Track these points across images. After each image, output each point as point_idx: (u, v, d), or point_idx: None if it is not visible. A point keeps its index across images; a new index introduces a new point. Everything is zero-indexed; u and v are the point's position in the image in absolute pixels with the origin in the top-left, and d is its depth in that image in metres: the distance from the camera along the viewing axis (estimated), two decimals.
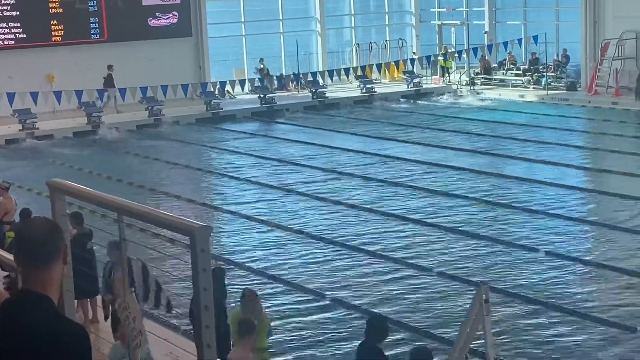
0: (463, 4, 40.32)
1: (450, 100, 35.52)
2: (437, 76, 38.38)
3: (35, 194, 20.62)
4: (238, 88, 34.34)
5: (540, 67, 36.07)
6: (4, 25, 31.99)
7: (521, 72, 36.74)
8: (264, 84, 34.76)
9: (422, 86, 36.89)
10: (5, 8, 31.93)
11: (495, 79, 37.55)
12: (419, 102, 35.29)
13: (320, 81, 35.17)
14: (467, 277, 14.39)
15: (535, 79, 35.80)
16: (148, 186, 22.11)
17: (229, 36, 37.66)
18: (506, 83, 36.91)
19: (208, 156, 26.94)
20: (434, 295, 13.89)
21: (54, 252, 3.36)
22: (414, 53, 39.94)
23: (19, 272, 3.44)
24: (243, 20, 38.04)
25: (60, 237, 3.40)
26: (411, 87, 36.68)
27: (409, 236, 17.03)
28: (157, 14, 34.64)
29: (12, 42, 32.13)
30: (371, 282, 14.54)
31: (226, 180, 23.09)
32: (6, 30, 32.02)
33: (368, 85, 35.86)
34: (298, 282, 14.64)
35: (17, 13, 32.08)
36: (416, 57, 38.28)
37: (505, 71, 37.55)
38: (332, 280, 14.74)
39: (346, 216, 18.68)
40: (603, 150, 24.66)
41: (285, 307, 13.56)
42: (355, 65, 38.14)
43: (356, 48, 40.23)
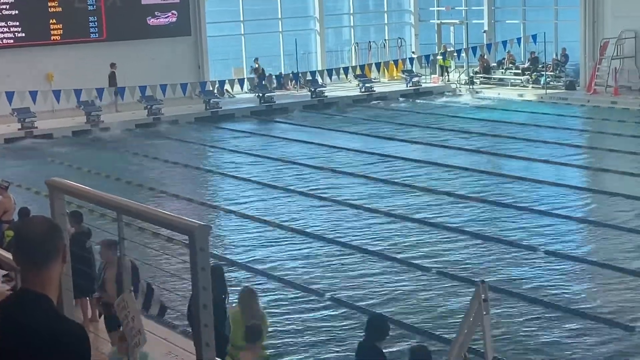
0: (462, 3, 40.31)
1: (449, 99, 35.53)
2: (436, 75, 38.37)
3: (34, 193, 20.62)
4: (237, 87, 34.35)
5: (539, 66, 36.06)
6: (3, 24, 31.96)
7: (520, 71, 36.74)
8: (263, 83, 34.76)
9: (421, 85, 36.89)
10: (4, 7, 31.89)
11: (494, 78, 37.54)
12: (418, 101, 35.28)
13: (319, 80, 35.17)
14: (467, 277, 14.38)
15: (534, 78, 35.79)
16: (147, 185, 22.10)
17: (228, 35, 37.64)
18: (505, 82, 36.90)
19: (207, 155, 26.93)
20: (434, 294, 13.87)
21: (53, 252, 3.35)
22: (413, 52, 39.94)
23: (18, 272, 3.43)
24: (242, 19, 38.03)
25: (59, 237, 3.40)
26: (410, 86, 36.68)
27: (409, 235, 17.02)
28: (156, 13, 34.62)
29: (11, 41, 32.11)
30: (371, 282, 14.53)
31: (225, 179, 23.08)
32: (5, 29, 32.00)
33: (367, 84, 35.86)
34: (297, 282, 14.63)
35: (16, 12, 32.05)
36: (415, 56, 38.31)
37: (504, 70, 37.55)
38: (332, 279, 14.72)
39: (346, 215, 18.66)
40: (602, 149, 24.66)
41: (284, 307, 13.55)
42: (354, 64, 38.12)
43: (355, 47, 40.20)
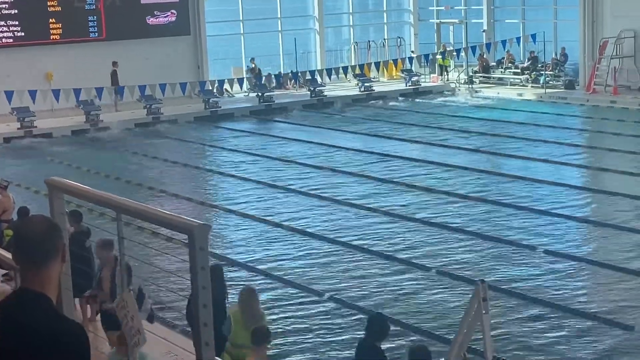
0: (461, 3, 40.32)
1: (448, 98, 35.52)
2: (436, 74, 38.35)
3: (33, 192, 20.61)
4: (237, 86, 34.34)
5: (538, 66, 36.06)
6: (3, 23, 31.97)
7: (519, 71, 36.74)
8: (262, 83, 34.75)
9: (421, 84, 36.88)
10: (3, 6, 31.90)
11: (493, 78, 37.54)
12: (418, 101, 35.27)
13: (318, 79, 35.16)
14: (466, 276, 14.38)
15: (533, 78, 35.79)
16: (146, 184, 22.10)
17: (228, 34, 37.63)
18: (504, 81, 36.90)
19: (206, 154, 26.92)
20: (434, 294, 13.86)
21: (53, 251, 3.35)
22: (413, 51, 39.93)
23: (18, 271, 3.43)
24: (241, 18, 38.01)
25: (58, 236, 3.39)
26: (409, 86, 36.67)
27: (409, 235, 17.00)
28: (156, 13, 34.62)
29: (11, 41, 32.11)
30: (371, 281, 14.53)
31: (225, 178, 23.07)
32: (4, 28, 32.00)
33: (366, 83, 35.85)
34: (297, 281, 14.62)
35: (16, 11, 32.05)
36: (414, 56, 38.32)
37: (503, 70, 37.55)
38: (332, 279, 14.71)
39: (345, 215, 18.65)
40: (601, 148, 24.65)
41: (284, 307, 13.54)
42: (353, 63, 38.12)
43: (354, 46, 40.20)
